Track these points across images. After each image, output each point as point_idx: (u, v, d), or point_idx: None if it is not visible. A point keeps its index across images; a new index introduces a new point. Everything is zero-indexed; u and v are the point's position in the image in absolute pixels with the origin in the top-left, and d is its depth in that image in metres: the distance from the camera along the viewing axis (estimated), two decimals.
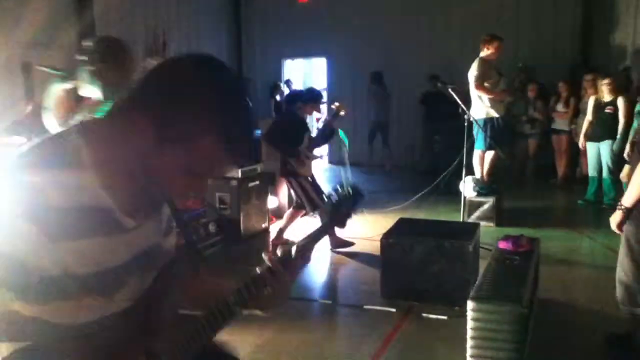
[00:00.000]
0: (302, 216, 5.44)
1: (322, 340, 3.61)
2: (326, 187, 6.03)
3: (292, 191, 5.51)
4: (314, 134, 5.86)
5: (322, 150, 9.89)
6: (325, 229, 1.37)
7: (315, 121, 10.63)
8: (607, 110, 6.70)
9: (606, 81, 6.76)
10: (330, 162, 11.13)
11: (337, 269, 5.08)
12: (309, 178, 5.36)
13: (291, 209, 5.52)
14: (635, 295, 3.07)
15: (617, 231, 3.05)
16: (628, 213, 2.96)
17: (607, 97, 6.74)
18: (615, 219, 3.03)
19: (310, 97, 5.54)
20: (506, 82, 6.97)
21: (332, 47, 10.90)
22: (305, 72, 13.98)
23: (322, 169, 9.81)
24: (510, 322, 2.95)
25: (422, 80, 9.42)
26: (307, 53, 11.93)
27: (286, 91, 11.30)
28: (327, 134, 5.72)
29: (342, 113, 5.59)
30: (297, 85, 11.91)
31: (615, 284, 3.21)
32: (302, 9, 10.90)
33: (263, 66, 12.03)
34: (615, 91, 6.67)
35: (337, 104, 5.65)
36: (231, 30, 11.76)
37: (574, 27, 9.28)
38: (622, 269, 3.13)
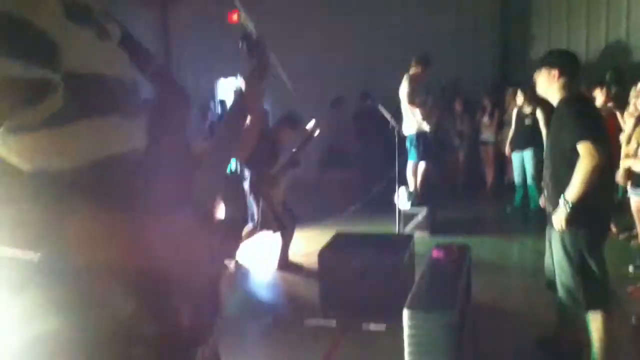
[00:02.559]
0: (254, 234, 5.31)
1: (263, 359, 3.60)
2: None
3: (257, 210, 5.27)
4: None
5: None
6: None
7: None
8: (527, 122, 7.07)
9: (521, 93, 7.15)
10: None
11: (277, 284, 5.08)
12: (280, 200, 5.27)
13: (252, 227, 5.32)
14: (579, 297, 3.10)
15: (562, 228, 3.06)
16: (574, 209, 3.00)
17: (527, 108, 7.12)
18: (560, 215, 3.05)
19: (292, 121, 5.34)
20: (433, 98, 7.24)
21: None
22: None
23: None
24: (443, 330, 3.03)
25: (354, 98, 9.59)
26: (237, 72, 11.87)
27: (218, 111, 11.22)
28: (301, 158, 5.44)
29: (316, 133, 5.33)
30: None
31: (556, 287, 3.24)
32: (234, 27, 10.87)
33: (196, 86, 11.91)
34: (535, 102, 7.04)
35: (313, 121, 5.38)
36: (160, 51, 11.58)
37: (494, 44, 9.74)
38: (564, 273, 3.16)
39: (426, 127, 6.81)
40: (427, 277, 3.68)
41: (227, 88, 12.69)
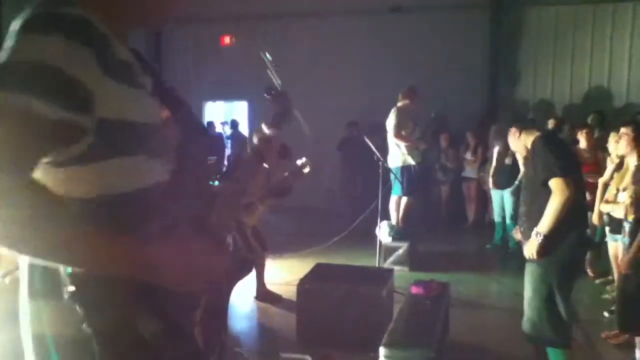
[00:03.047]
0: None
1: None
2: None
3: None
4: None
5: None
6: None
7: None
8: (507, 161, 7.15)
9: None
10: None
11: (254, 315, 5.01)
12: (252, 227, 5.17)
13: None
14: (544, 332, 3.23)
15: (534, 258, 3.20)
16: (544, 241, 3.15)
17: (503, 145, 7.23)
18: (531, 246, 3.20)
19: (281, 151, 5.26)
20: (421, 131, 7.30)
21: (253, 91, 10.94)
22: (227, 116, 13.98)
23: None
24: None
25: (341, 127, 9.66)
26: (227, 96, 11.95)
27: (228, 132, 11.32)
28: (285, 189, 5.34)
29: (306, 170, 5.20)
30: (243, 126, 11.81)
31: (524, 322, 3.35)
32: (224, 51, 10.95)
33: None
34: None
35: (304, 159, 5.29)
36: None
37: (482, 82, 9.91)
38: (531, 307, 3.28)
39: (411, 160, 6.86)
40: (405, 313, 3.67)
41: (214, 111, 12.74)
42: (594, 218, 4.98)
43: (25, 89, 0.92)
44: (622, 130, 4.23)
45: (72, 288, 0.99)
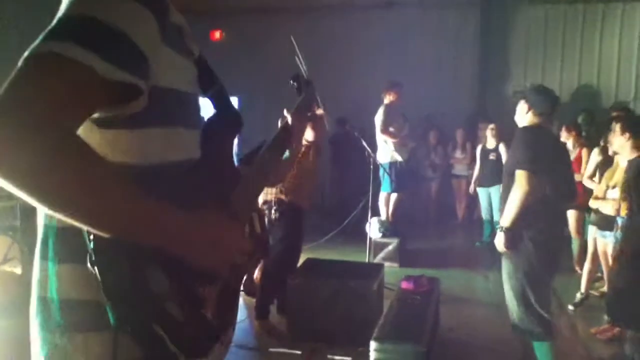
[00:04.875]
0: None
1: None
2: None
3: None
4: None
5: None
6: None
7: None
8: (491, 157, 7.20)
9: (491, 126, 7.31)
10: None
11: (242, 310, 4.98)
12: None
13: None
14: (524, 325, 3.27)
15: (504, 250, 3.26)
16: (507, 233, 3.19)
17: (491, 143, 7.28)
18: (499, 241, 3.25)
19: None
20: (410, 127, 7.31)
21: (245, 86, 10.90)
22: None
23: None
24: None
25: (332, 124, 9.62)
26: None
27: None
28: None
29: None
30: None
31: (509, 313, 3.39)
32: (215, 45, 10.89)
33: None
34: (499, 137, 7.19)
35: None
36: None
37: (472, 79, 9.92)
38: (509, 300, 3.34)
39: (399, 156, 6.86)
40: (396, 308, 3.67)
41: (204, 107, 12.63)
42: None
43: (86, 45, 0.90)
44: (614, 127, 4.23)
45: (90, 250, 0.97)
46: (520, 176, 3.11)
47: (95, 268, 0.97)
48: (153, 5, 1.02)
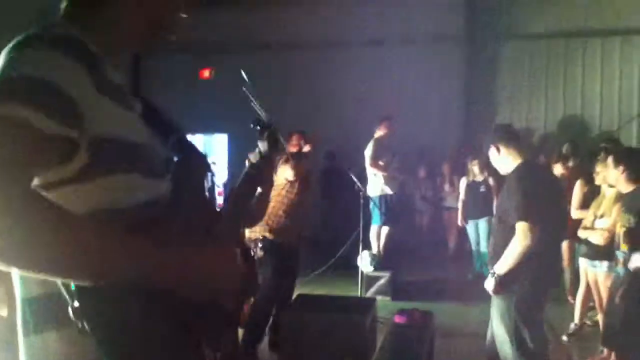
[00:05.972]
0: None
1: None
2: None
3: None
4: None
5: None
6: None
7: None
8: (481, 189, 7.25)
9: (474, 162, 7.38)
10: None
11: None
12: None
13: None
14: None
15: (494, 294, 3.21)
16: (500, 280, 3.13)
17: (479, 176, 7.35)
18: (490, 285, 3.20)
19: None
20: (399, 161, 7.36)
21: (233, 123, 10.90)
22: (206, 148, 13.88)
23: None
24: None
25: (318, 158, 9.67)
26: (207, 129, 11.90)
27: None
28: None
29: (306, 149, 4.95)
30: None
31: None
32: (203, 84, 10.96)
33: None
34: (486, 170, 7.26)
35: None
36: None
37: (459, 112, 10.06)
38: (501, 343, 3.23)
39: (389, 190, 6.89)
40: (389, 342, 3.63)
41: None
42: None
43: (24, 102, 0.92)
44: (609, 158, 4.22)
45: (76, 304, 0.95)
46: (522, 229, 3.00)
47: (84, 322, 0.95)
48: (83, 60, 1.03)
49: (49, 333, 1.04)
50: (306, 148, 4.96)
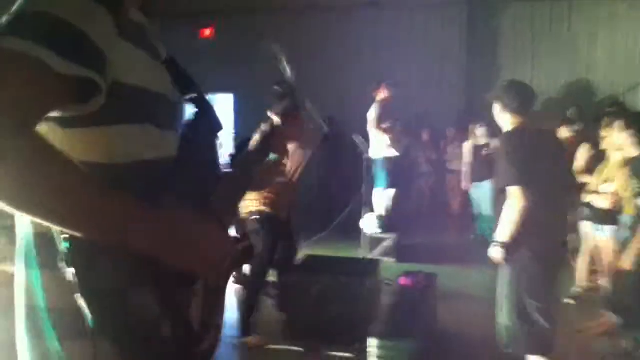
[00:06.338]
0: None
1: None
2: None
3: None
4: None
5: None
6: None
7: None
8: (484, 152, 7.24)
9: (478, 125, 7.44)
10: None
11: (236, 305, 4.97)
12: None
13: None
14: (519, 337, 3.11)
15: (502, 263, 3.12)
16: (504, 247, 3.05)
17: (482, 139, 7.34)
18: (494, 254, 3.12)
19: None
20: (403, 124, 7.32)
21: (239, 83, 10.80)
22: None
23: None
24: (409, 357, 3.03)
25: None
26: (211, 89, 11.77)
27: None
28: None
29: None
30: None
31: (498, 329, 3.22)
32: (206, 42, 10.82)
33: None
34: (489, 135, 7.25)
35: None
36: None
37: (459, 77, 9.96)
38: (503, 310, 3.17)
39: (393, 152, 6.88)
40: (394, 304, 3.68)
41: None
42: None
43: (39, 40, 0.89)
44: (617, 123, 4.18)
45: (65, 251, 0.95)
46: (513, 193, 2.95)
47: (72, 268, 0.95)
48: (106, 1, 1.00)
49: (43, 271, 1.04)
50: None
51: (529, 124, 3.22)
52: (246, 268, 4.91)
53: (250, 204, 4.25)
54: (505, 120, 3.22)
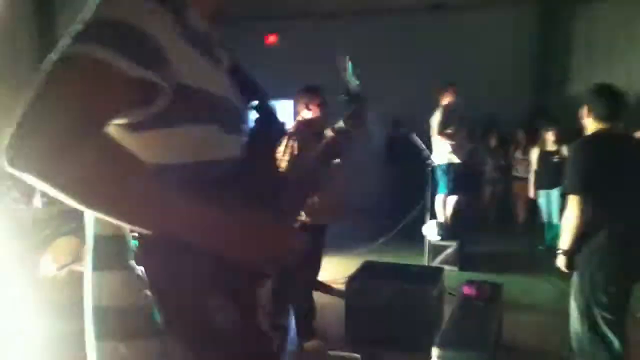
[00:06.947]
0: None
1: None
2: None
3: None
4: None
5: None
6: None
7: None
8: (554, 159, 6.97)
9: (550, 131, 7.16)
10: None
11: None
12: None
13: None
14: (584, 348, 3.05)
15: (567, 271, 3.13)
16: (568, 254, 3.06)
17: (551, 146, 7.07)
18: (560, 263, 3.13)
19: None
20: (467, 129, 7.16)
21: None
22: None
23: None
24: None
25: (386, 125, 9.58)
26: (273, 95, 11.95)
27: None
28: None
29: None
30: None
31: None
32: (270, 51, 11.00)
33: None
34: (560, 141, 6.98)
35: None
36: None
37: (533, 79, 9.66)
38: (572, 318, 3.14)
39: (456, 158, 6.74)
40: (458, 314, 3.60)
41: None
42: None
43: (107, 45, 0.92)
44: None
45: (135, 249, 0.98)
46: (570, 201, 2.96)
47: (142, 267, 0.98)
48: (169, 6, 1.04)
49: (111, 272, 1.07)
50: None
51: (614, 129, 3.11)
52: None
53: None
54: (589, 124, 3.15)
